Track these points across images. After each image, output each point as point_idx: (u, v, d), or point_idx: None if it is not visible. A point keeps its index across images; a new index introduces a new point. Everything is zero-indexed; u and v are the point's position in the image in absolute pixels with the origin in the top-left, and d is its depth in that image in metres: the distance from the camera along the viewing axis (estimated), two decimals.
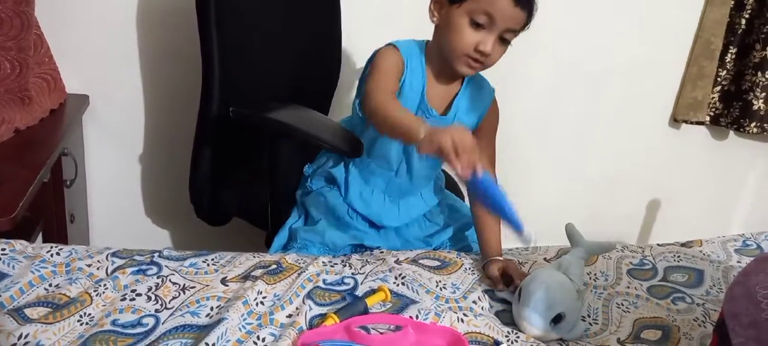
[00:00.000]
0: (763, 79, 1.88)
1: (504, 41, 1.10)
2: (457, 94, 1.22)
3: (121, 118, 1.72)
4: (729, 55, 1.92)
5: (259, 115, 1.23)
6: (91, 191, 1.78)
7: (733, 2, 1.85)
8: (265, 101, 1.34)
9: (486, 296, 1.05)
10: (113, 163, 1.77)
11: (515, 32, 1.10)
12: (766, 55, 1.86)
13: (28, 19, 1.37)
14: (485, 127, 1.25)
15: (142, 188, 1.83)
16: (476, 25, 1.07)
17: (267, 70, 1.46)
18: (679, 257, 1.24)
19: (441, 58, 1.16)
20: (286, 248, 1.25)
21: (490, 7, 1.05)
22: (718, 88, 1.97)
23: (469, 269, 1.13)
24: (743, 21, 1.87)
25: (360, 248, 1.24)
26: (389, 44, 1.17)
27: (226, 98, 1.31)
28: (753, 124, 1.95)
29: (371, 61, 1.16)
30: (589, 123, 2.00)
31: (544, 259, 1.20)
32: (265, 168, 1.29)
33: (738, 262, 1.24)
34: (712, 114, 2.01)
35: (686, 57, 1.95)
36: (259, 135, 1.28)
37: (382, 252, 1.18)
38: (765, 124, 1.96)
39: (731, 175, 2.19)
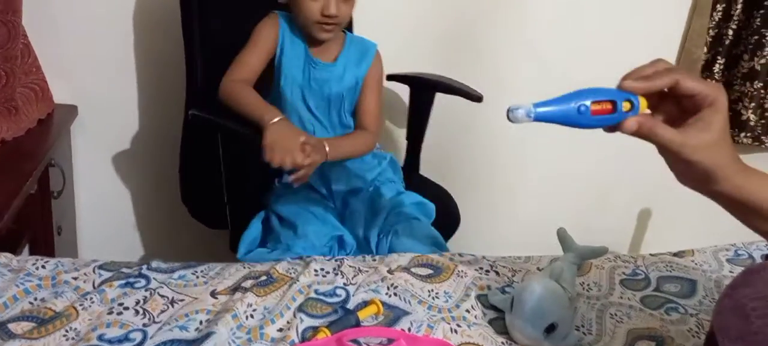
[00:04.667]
0: (752, 90, 1.90)
1: None
2: (341, 50, 1.35)
3: (109, 128, 1.70)
4: (717, 65, 1.93)
5: (214, 120, 1.27)
6: (79, 203, 1.76)
7: (720, 13, 1.86)
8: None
9: (479, 304, 1.05)
10: (101, 175, 1.75)
11: None
12: (754, 65, 1.87)
13: (15, 27, 1.36)
14: (371, 77, 1.38)
15: (130, 199, 1.81)
16: None
17: None
18: (671, 267, 1.24)
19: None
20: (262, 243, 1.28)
21: None
22: None
23: (462, 272, 1.12)
24: (730, 32, 1.88)
25: (342, 242, 1.26)
26: (272, 12, 1.28)
27: (210, 103, 1.31)
28: (743, 135, 1.96)
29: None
30: (579, 133, 2.01)
31: (537, 268, 1.20)
32: (223, 171, 1.32)
33: (730, 271, 1.24)
34: None
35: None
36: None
37: (374, 259, 1.17)
38: (758, 136, 1.96)
39: None
